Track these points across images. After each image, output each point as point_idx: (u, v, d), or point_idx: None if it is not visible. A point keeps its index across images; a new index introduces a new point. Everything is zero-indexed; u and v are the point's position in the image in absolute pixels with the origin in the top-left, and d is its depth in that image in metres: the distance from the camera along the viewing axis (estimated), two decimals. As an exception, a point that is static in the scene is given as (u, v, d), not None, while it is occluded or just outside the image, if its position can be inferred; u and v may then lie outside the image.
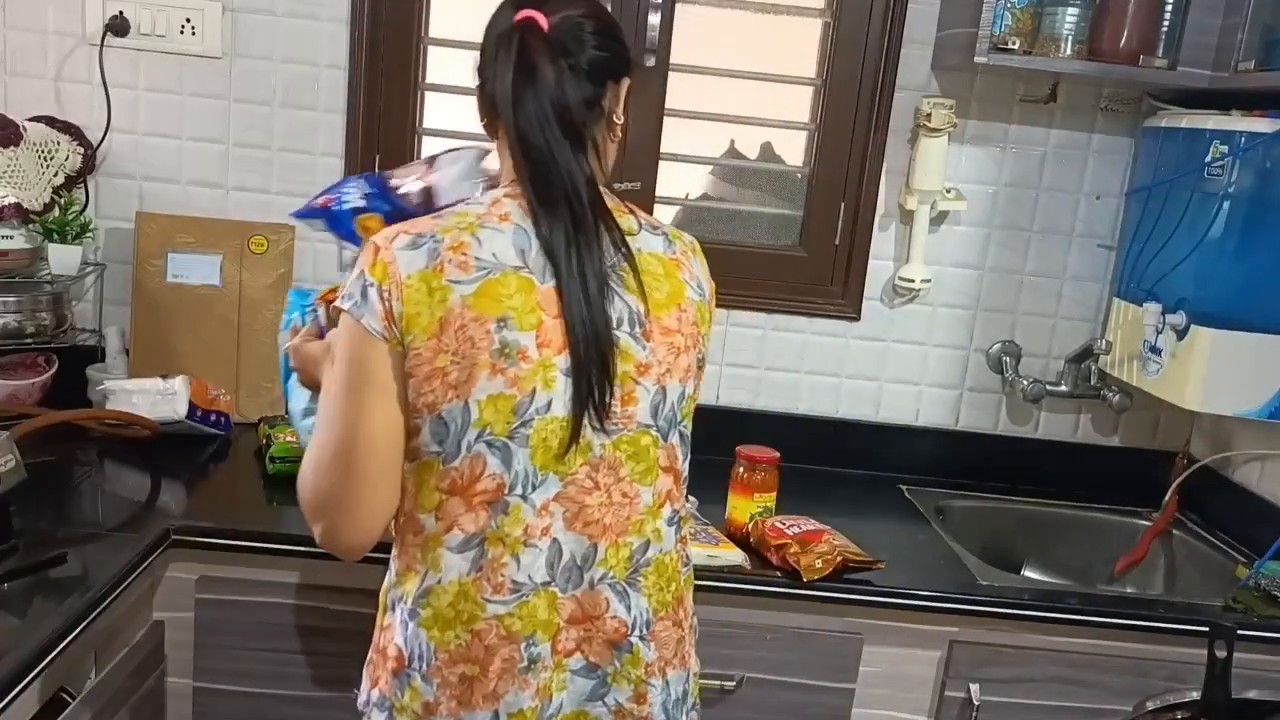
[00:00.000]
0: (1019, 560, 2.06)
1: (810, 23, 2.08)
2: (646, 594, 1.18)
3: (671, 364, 1.16)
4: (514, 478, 1.10)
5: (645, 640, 1.17)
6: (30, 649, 1.17)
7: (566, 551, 1.13)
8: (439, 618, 1.12)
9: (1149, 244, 1.92)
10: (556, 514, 1.12)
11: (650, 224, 1.22)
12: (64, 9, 1.95)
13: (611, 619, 1.16)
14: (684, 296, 1.18)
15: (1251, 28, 1.76)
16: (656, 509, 1.17)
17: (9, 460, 1.42)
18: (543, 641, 1.13)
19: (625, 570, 1.16)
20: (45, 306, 1.93)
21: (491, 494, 1.10)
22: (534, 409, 1.09)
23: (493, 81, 1.15)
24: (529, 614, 1.12)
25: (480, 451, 1.09)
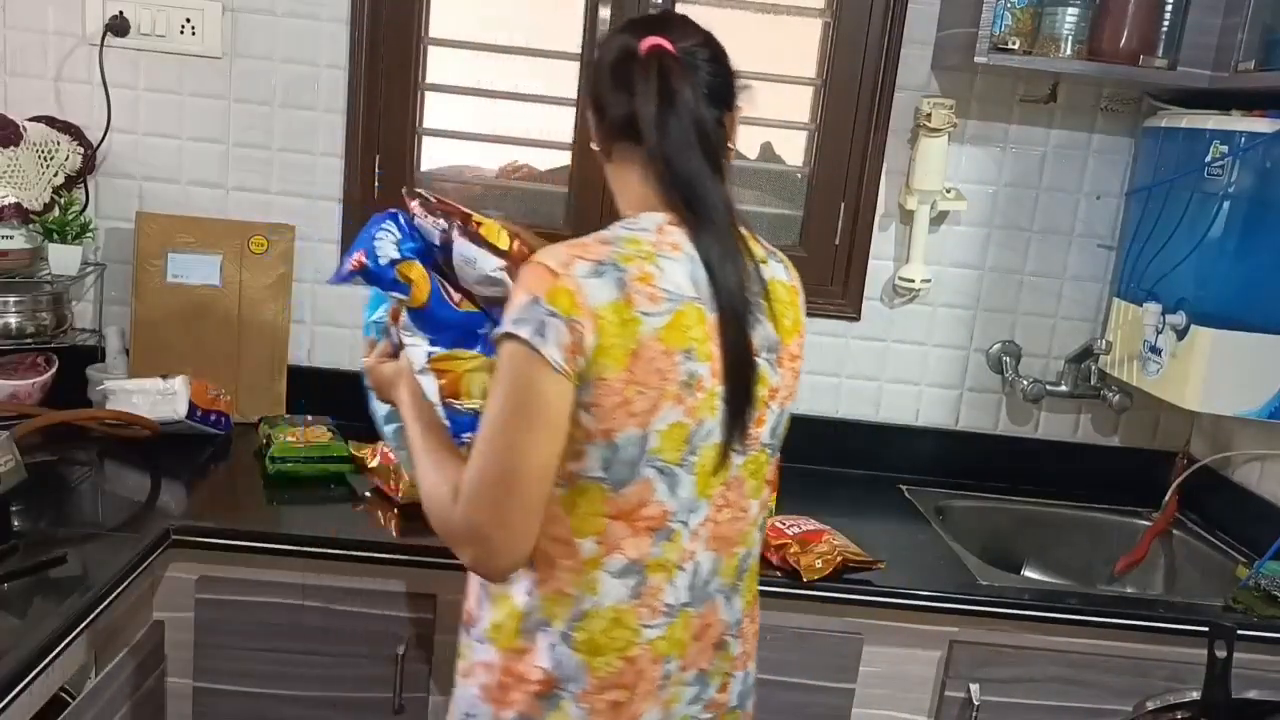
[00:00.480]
0: (1019, 560, 2.06)
1: (810, 23, 2.08)
2: (743, 596, 1.22)
3: (792, 387, 1.22)
4: (679, 505, 1.12)
5: (736, 638, 1.22)
6: (30, 649, 1.17)
7: (703, 570, 1.16)
8: (593, 643, 1.12)
9: (1149, 244, 1.92)
10: (702, 536, 1.15)
11: (769, 249, 1.26)
12: (64, 9, 1.95)
13: (720, 623, 1.19)
14: (803, 325, 1.24)
15: (1251, 28, 1.76)
16: (758, 519, 1.22)
17: (9, 460, 1.42)
18: (677, 659, 1.15)
19: (734, 578, 1.20)
20: (45, 306, 1.94)
21: (656, 520, 1.11)
22: (700, 436, 1.11)
23: (622, 107, 1.15)
24: (673, 635, 1.14)
25: (650, 478, 1.10)
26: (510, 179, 2.13)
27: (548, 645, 1.12)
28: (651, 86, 1.12)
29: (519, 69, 1.99)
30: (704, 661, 1.18)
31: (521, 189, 2.12)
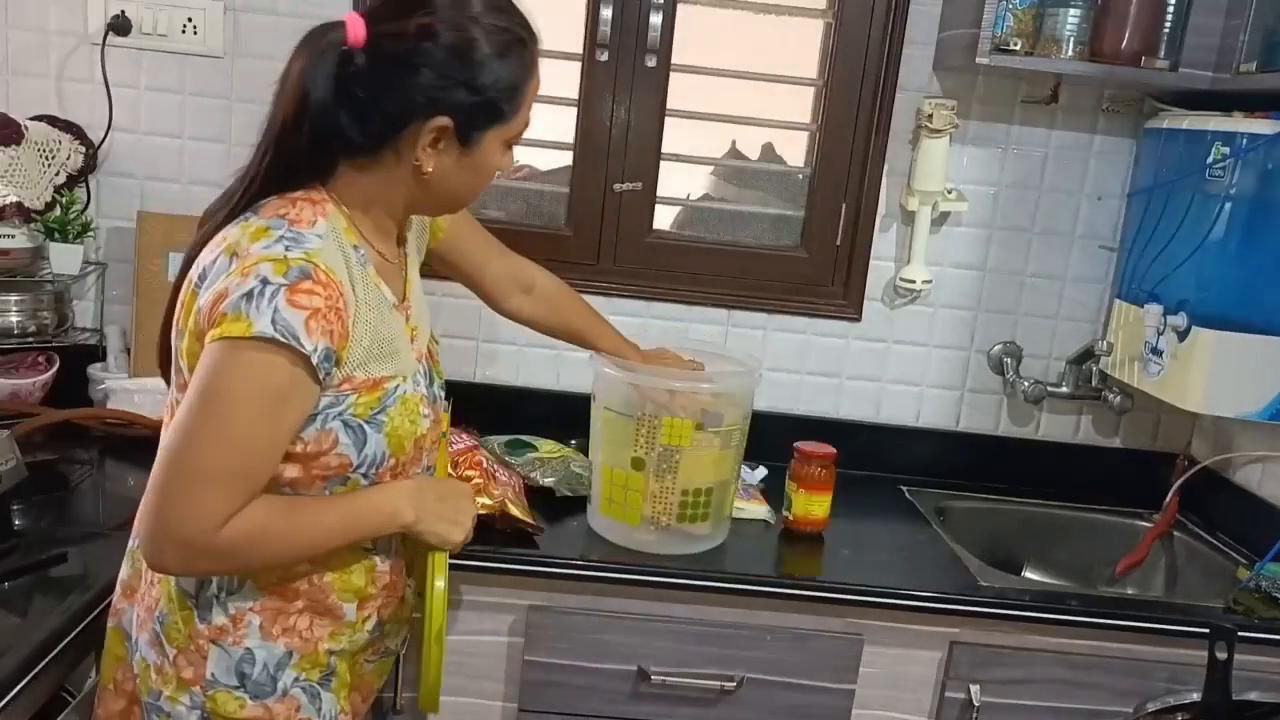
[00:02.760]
0: (1019, 561, 2.06)
1: (812, 23, 2.08)
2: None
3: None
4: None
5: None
6: (30, 648, 1.17)
7: None
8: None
9: (1150, 245, 1.91)
10: None
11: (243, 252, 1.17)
12: (66, 8, 1.95)
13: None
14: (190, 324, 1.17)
15: (1253, 29, 1.76)
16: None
17: (10, 459, 1.42)
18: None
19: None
20: (46, 305, 1.94)
21: None
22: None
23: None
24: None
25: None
26: (510, 179, 2.13)
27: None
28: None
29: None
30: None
31: (521, 189, 2.12)
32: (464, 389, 2.06)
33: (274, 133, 1.14)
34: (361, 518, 1.18)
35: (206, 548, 1.08)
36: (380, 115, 1.13)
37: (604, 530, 1.67)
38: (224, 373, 1.05)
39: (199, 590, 1.19)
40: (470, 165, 1.19)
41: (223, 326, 1.05)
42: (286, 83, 1.13)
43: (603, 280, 2.09)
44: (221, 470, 1.07)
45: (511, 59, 1.16)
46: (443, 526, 1.24)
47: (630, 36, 2.01)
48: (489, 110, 1.16)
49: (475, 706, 1.67)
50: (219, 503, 1.07)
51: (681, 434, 1.58)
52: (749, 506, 1.83)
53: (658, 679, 1.59)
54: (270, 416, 1.07)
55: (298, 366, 1.06)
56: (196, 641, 1.19)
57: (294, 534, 1.14)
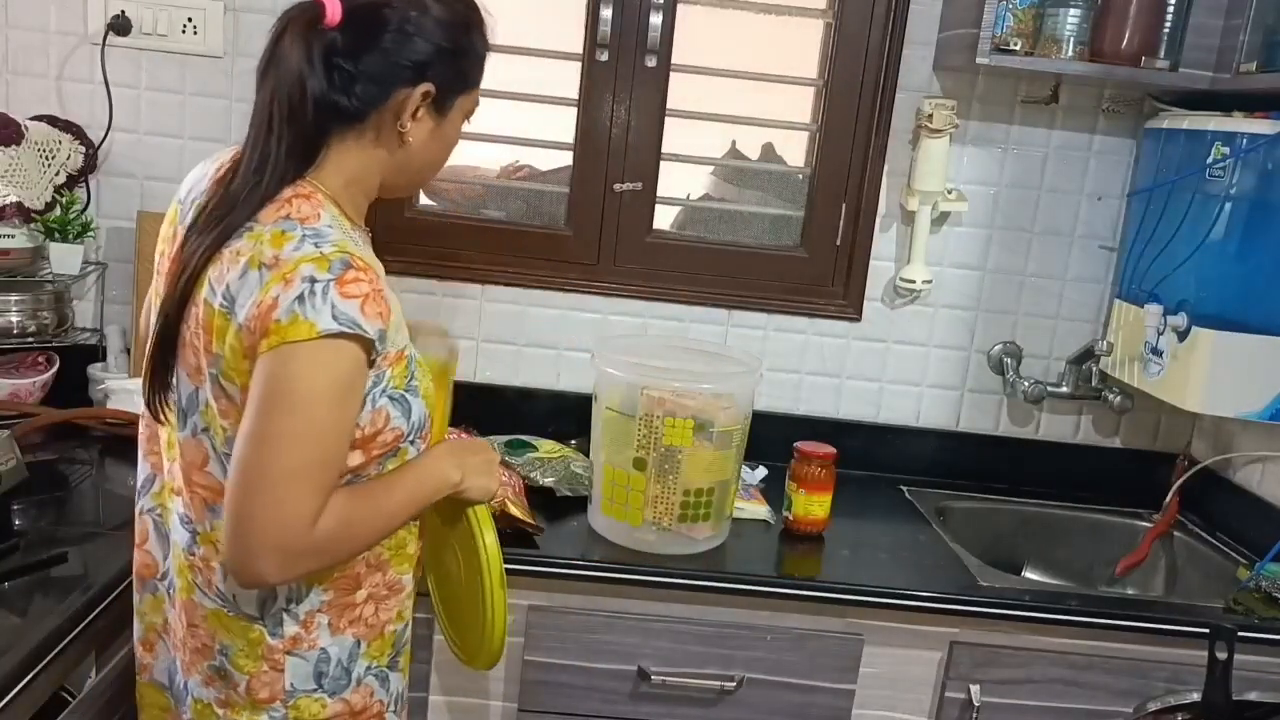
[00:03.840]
0: (1020, 561, 2.06)
1: (812, 23, 2.08)
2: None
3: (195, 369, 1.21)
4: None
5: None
6: (30, 648, 1.17)
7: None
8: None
9: (1150, 245, 1.91)
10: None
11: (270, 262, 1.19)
12: (66, 8, 1.95)
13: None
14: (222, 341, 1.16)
15: (1253, 29, 1.76)
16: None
17: (10, 459, 1.42)
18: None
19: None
20: (46, 305, 1.94)
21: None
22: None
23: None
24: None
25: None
26: (510, 179, 2.13)
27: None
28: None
29: (519, 69, 1.99)
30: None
31: (522, 189, 2.12)
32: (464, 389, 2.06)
33: (282, 117, 1.14)
34: (423, 486, 1.21)
35: (305, 548, 1.09)
36: (366, 84, 1.16)
37: (605, 530, 1.68)
38: (294, 374, 1.06)
39: (263, 608, 1.18)
40: (440, 136, 1.24)
41: (281, 334, 1.06)
42: (279, 66, 1.14)
43: (603, 280, 2.09)
44: (304, 468, 1.08)
45: (478, 30, 1.23)
46: (483, 480, 1.29)
47: (630, 36, 2.01)
48: (463, 76, 1.22)
49: (475, 706, 1.67)
50: (308, 500, 1.08)
51: (683, 434, 1.58)
52: (749, 506, 1.83)
53: (657, 679, 1.59)
54: (342, 406, 1.10)
55: (362, 352, 1.10)
56: (272, 659, 1.19)
57: (375, 517, 1.17)
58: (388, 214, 2.00)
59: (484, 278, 2.08)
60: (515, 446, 1.91)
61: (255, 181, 1.15)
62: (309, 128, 1.15)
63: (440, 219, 2.09)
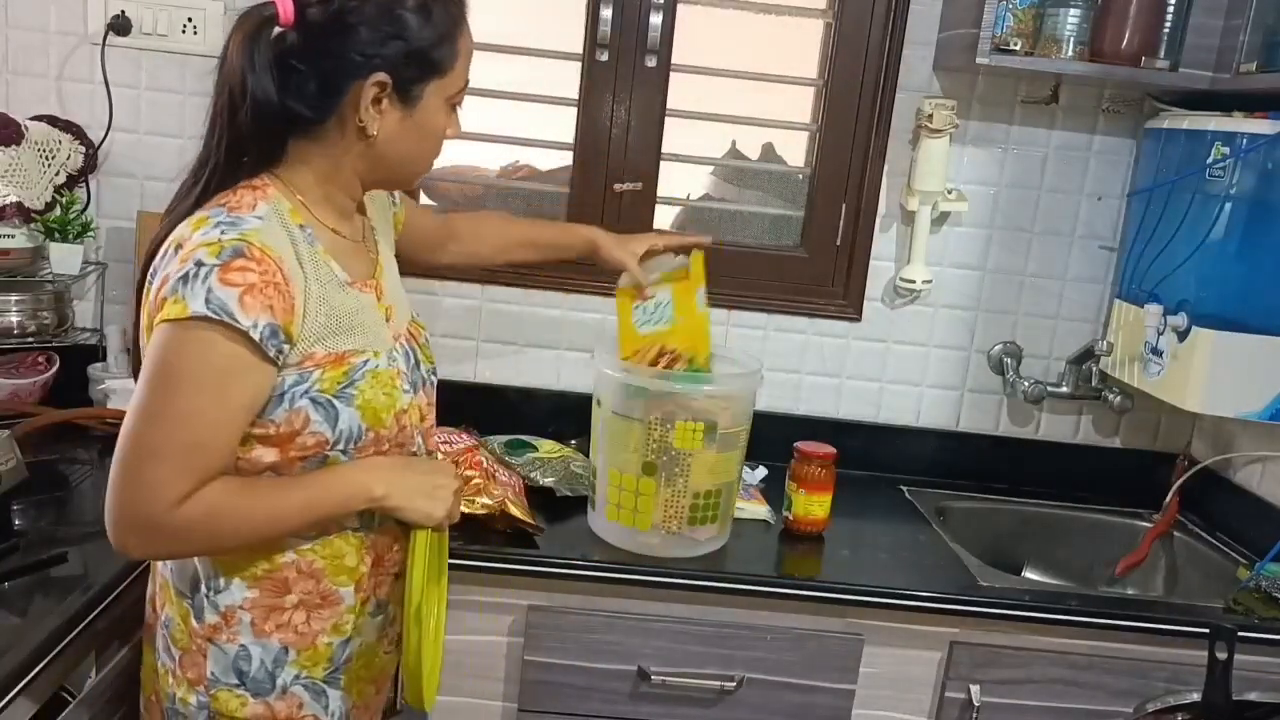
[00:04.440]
0: (1019, 561, 2.06)
1: (812, 23, 2.08)
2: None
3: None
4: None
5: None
6: (30, 648, 1.17)
7: None
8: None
9: (1150, 245, 1.91)
10: None
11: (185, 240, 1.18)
12: (66, 8, 1.95)
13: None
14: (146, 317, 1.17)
15: (1253, 29, 1.76)
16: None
17: (10, 459, 1.42)
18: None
19: None
20: (47, 305, 1.93)
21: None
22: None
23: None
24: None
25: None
26: (511, 179, 2.13)
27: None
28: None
29: (519, 69, 1.99)
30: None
31: (522, 189, 2.12)
32: (464, 389, 2.07)
33: (224, 117, 1.16)
34: (328, 491, 1.17)
35: (163, 526, 1.09)
36: (319, 82, 1.15)
37: (608, 535, 1.66)
38: (166, 353, 1.07)
39: (192, 591, 1.20)
40: (414, 126, 1.20)
41: (163, 311, 1.07)
42: (225, 67, 1.16)
43: (603, 280, 2.09)
44: (171, 447, 1.08)
45: (438, 10, 1.17)
46: (421, 502, 1.21)
47: (630, 36, 2.01)
48: (424, 61, 1.17)
49: (475, 706, 1.67)
50: (172, 479, 1.08)
51: (693, 438, 1.57)
52: (749, 506, 1.83)
53: (658, 679, 1.59)
54: (215, 393, 1.08)
55: (236, 343, 1.08)
56: (196, 641, 1.20)
57: (253, 511, 1.14)
58: (388, 214, 2.00)
59: (484, 278, 2.08)
60: (515, 446, 1.91)
61: (194, 180, 1.18)
62: (251, 127, 1.15)
63: (440, 219, 2.09)
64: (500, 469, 1.76)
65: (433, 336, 2.07)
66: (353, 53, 1.14)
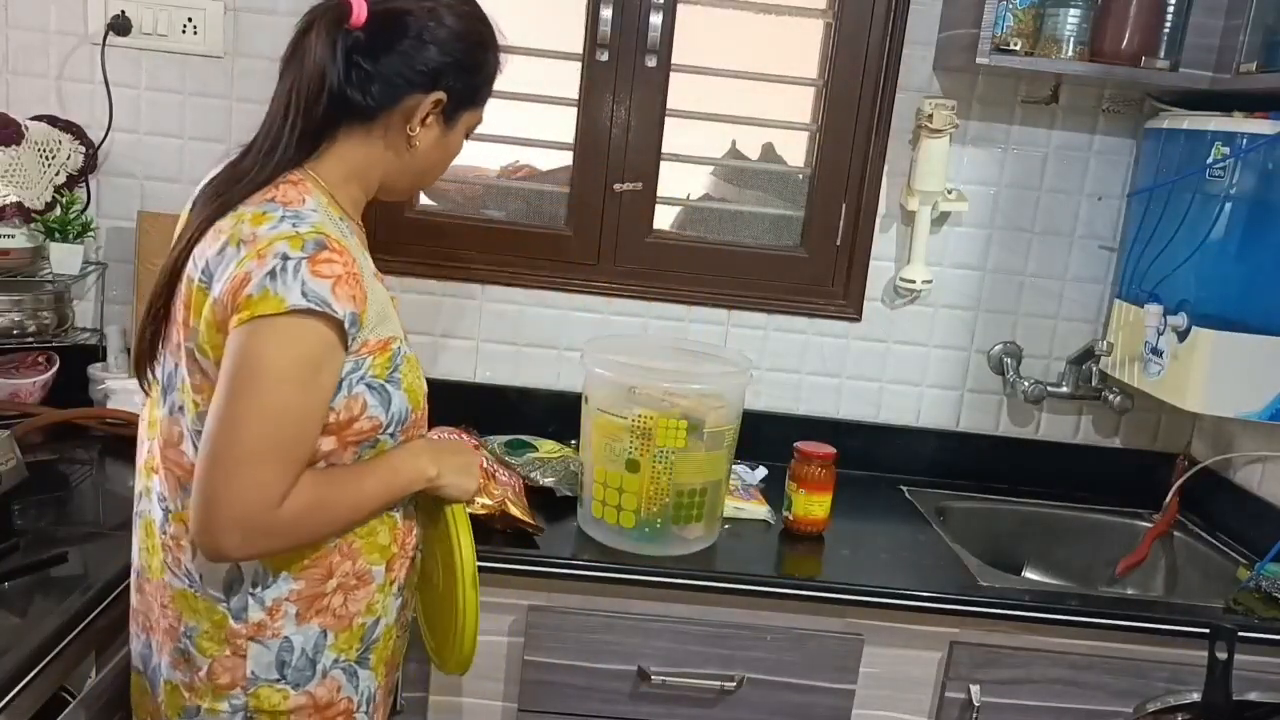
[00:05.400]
0: (1019, 561, 2.06)
1: (812, 23, 2.08)
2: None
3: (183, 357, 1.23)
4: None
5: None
6: (30, 648, 1.17)
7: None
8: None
9: (1150, 245, 1.91)
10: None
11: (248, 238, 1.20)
12: (66, 8, 1.95)
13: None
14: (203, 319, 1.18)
15: (1253, 29, 1.76)
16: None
17: (10, 459, 1.42)
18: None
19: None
20: (47, 305, 1.93)
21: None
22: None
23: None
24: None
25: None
26: (511, 179, 2.13)
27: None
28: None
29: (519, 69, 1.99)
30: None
31: (522, 189, 2.12)
32: (464, 389, 2.07)
33: (302, 105, 1.18)
34: (398, 475, 1.22)
35: (269, 526, 1.10)
36: (382, 84, 1.19)
37: (595, 532, 1.67)
38: (262, 350, 1.08)
39: (229, 592, 1.19)
40: (443, 146, 1.28)
41: (252, 308, 1.07)
42: (304, 58, 1.18)
43: (603, 280, 2.09)
44: (272, 445, 1.09)
45: (493, 51, 1.29)
46: (461, 478, 1.29)
47: (630, 36, 2.01)
48: (472, 92, 1.27)
49: (475, 706, 1.67)
50: (275, 478, 1.09)
51: (676, 435, 1.58)
52: (749, 506, 1.83)
53: (657, 679, 1.59)
54: (311, 385, 1.11)
55: (332, 332, 1.10)
56: (234, 643, 1.19)
57: (343, 502, 1.17)
58: (388, 214, 2.00)
59: (484, 278, 2.08)
60: (515, 446, 1.91)
61: (264, 163, 1.19)
62: (321, 119, 1.19)
63: (440, 219, 2.09)
64: (500, 469, 1.76)
65: (433, 336, 2.09)
66: (423, 66, 1.20)
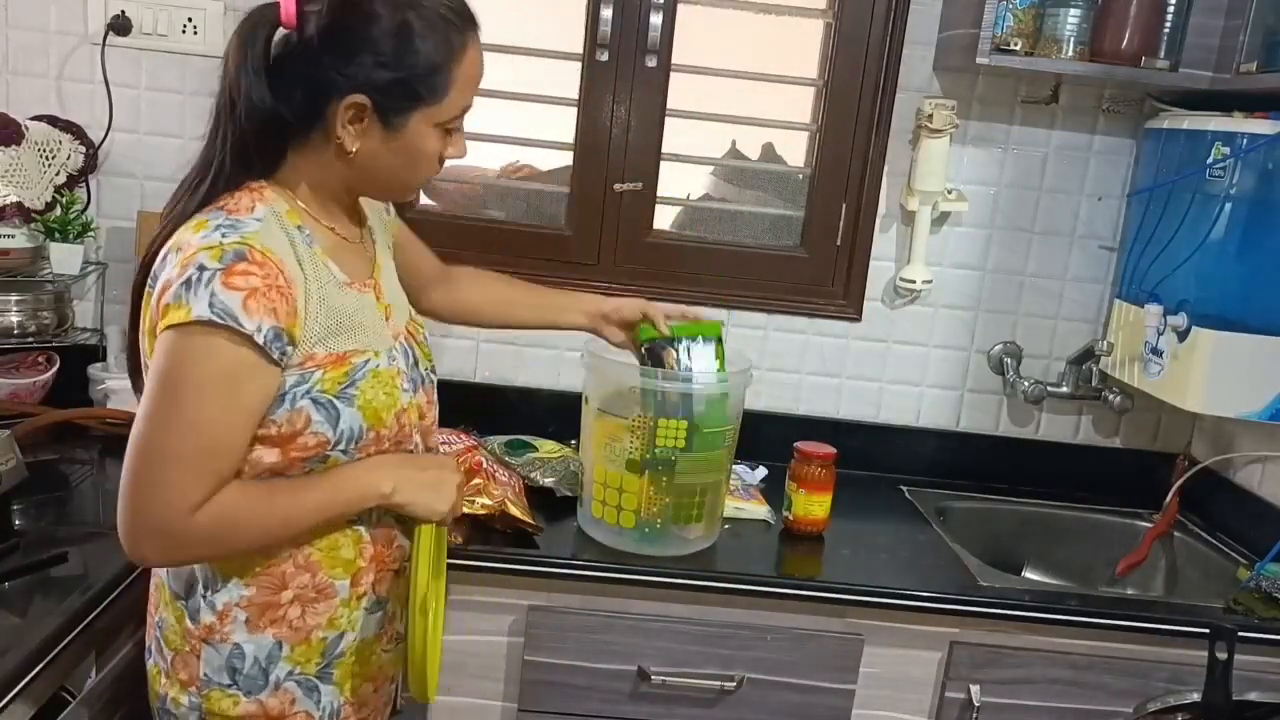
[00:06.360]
0: (1020, 561, 2.06)
1: (812, 23, 2.08)
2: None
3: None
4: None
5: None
6: (30, 648, 1.17)
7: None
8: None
9: (1150, 245, 1.91)
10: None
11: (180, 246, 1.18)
12: (66, 8, 1.95)
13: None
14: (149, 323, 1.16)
15: (1253, 29, 1.76)
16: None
17: (10, 459, 1.42)
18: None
19: None
20: (47, 305, 1.93)
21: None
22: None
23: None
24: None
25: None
26: (511, 179, 2.13)
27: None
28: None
29: (519, 69, 1.99)
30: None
31: (522, 189, 2.12)
32: (464, 389, 2.07)
33: (225, 117, 1.17)
34: (339, 491, 1.18)
35: (183, 534, 1.09)
36: (303, 92, 1.15)
37: (595, 532, 1.67)
38: (173, 359, 1.07)
39: (188, 592, 1.20)
40: (399, 149, 1.19)
41: (167, 317, 1.07)
42: (228, 66, 1.16)
43: (603, 280, 2.09)
44: (186, 453, 1.08)
45: (433, 40, 1.15)
46: (426, 496, 1.23)
47: (630, 36, 2.01)
48: (405, 91, 1.15)
49: (475, 706, 1.67)
50: (188, 486, 1.08)
51: (677, 436, 1.58)
52: (749, 506, 1.83)
53: (657, 679, 1.59)
54: (224, 398, 1.09)
55: (241, 346, 1.08)
56: (190, 642, 1.20)
57: (270, 514, 1.15)
58: (388, 214, 2.00)
59: (484, 278, 2.08)
60: (515, 446, 1.91)
61: (199, 179, 1.17)
62: (250, 132, 1.16)
63: (440, 219, 2.09)
64: (500, 469, 1.76)
65: (432, 336, 2.07)
66: (335, 70, 1.13)
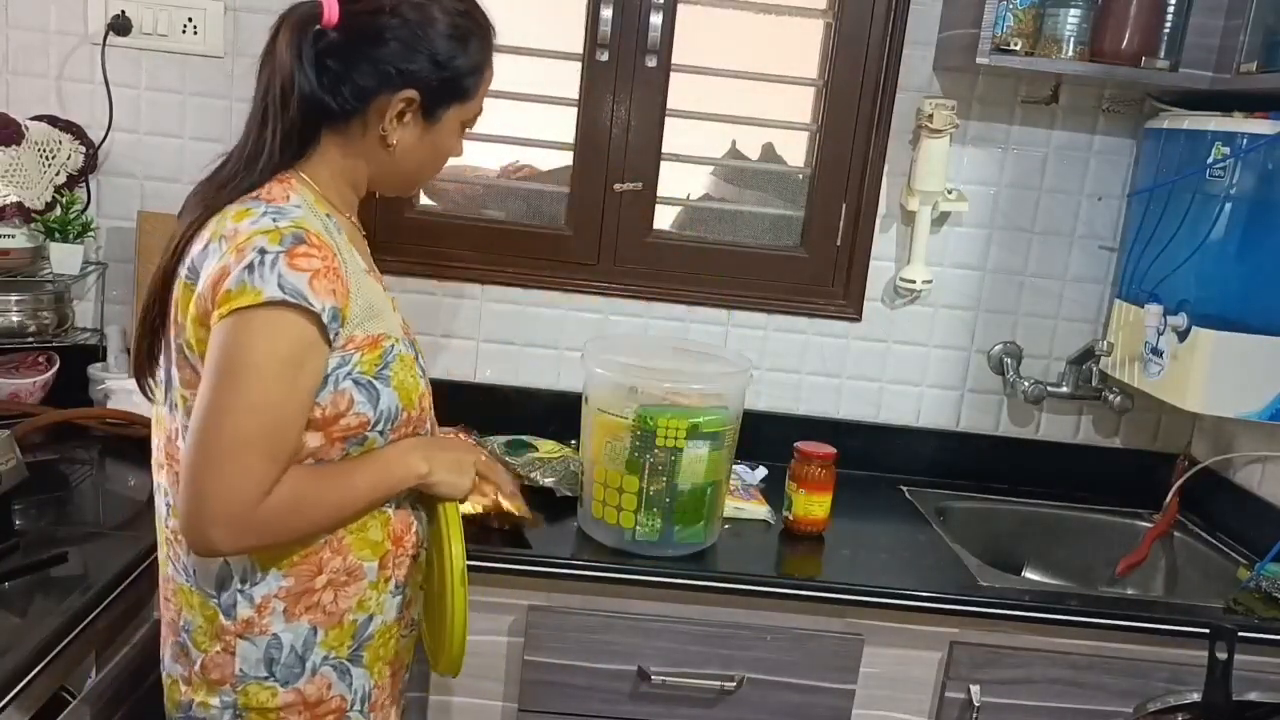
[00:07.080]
0: (1020, 561, 2.06)
1: (812, 23, 2.08)
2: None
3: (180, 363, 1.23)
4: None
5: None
6: (30, 648, 1.17)
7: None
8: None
9: (1150, 245, 1.91)
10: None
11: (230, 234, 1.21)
12: (66, 8, 1.95)
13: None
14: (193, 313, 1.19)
15: (1254, 29, 1.76)
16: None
17: (10, 459, 1.42)
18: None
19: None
20: (47, 305, 1.94)
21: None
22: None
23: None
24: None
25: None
26: (511, 179, 2.13)
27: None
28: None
29: (519, 69, 1.99)
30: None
31: (522, 189, 2.12)
32: (464, 389, 2.07)
33: (277, 109, 1.19)
34: (388, 472, 1.22)
35: (253, 521, 1.11)
36: (352, 85, 1.19)
37: (595, 532, 1.67)
38: (240, 343, 1.09)
39: (219, 589, 1.20)
40: (430, 143, 1.26)
41: (230, 302, 1.08)
42: (274, 61, 1.19)
43: (603, 280, 2.09)
44: (254, 438, 1.09)
45: (474, 42, 1.24)
46: (453, 475, 1.28)
47: (630, 36, 2.01)
48: (453, 87, 1.24)
49: (475, 706, 1.67)
50: (258, 471, 1.10)
51: (677, 436, 1.58)
52: (749, 506, 1.83)
53: (658, 679, 1.59)
54: (291, 379, 1.11)
55: (310, 325, 1.11)
56: (224, 639, 1.20)
57: (328, 498, 1.17)
58: (388, 214, 2.00)
59: (484, 278, 2.08)
60: (515, 446, 1.91)
61: (248, 168, 1.20)
62: (298, 121, 1.19)
63: (440, 219, 2.10)
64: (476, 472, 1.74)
65: (433, 336, 2.09)
66: (388, 65, 1.18)
